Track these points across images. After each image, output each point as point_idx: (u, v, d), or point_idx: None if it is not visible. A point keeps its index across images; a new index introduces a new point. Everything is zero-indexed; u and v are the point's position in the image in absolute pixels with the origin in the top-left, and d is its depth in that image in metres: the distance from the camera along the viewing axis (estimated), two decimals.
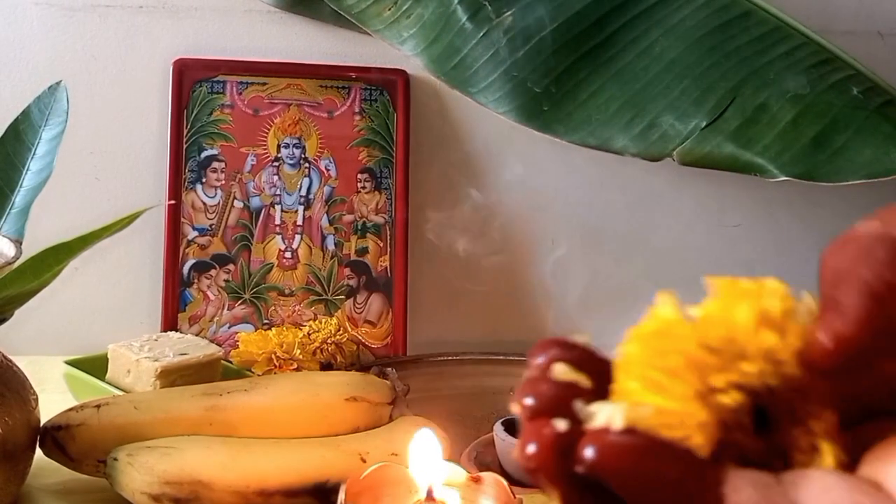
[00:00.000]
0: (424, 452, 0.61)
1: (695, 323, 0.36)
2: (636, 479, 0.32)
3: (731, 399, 0.33)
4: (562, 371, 0.37)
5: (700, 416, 0.33)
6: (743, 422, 0.34)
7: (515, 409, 0.36)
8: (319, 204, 1.09)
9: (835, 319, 0.35)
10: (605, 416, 0.33)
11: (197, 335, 1.02)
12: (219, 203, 1.07)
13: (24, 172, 0.80)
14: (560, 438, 0.34)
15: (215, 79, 1.08)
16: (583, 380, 0.37)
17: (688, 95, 0.99)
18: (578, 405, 0.35)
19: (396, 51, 1.05)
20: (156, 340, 0.93)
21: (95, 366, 0.92)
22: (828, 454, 0.33)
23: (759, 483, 0.32)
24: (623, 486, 0.32)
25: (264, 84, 1.09)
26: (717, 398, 0.33)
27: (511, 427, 0.79)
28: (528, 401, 0.36)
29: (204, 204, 1.08)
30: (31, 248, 0.66)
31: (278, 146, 1.09)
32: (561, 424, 0.34)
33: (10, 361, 0.75)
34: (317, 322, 1.02)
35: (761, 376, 0.33)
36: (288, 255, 1.08)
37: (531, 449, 0.34)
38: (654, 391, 0.34)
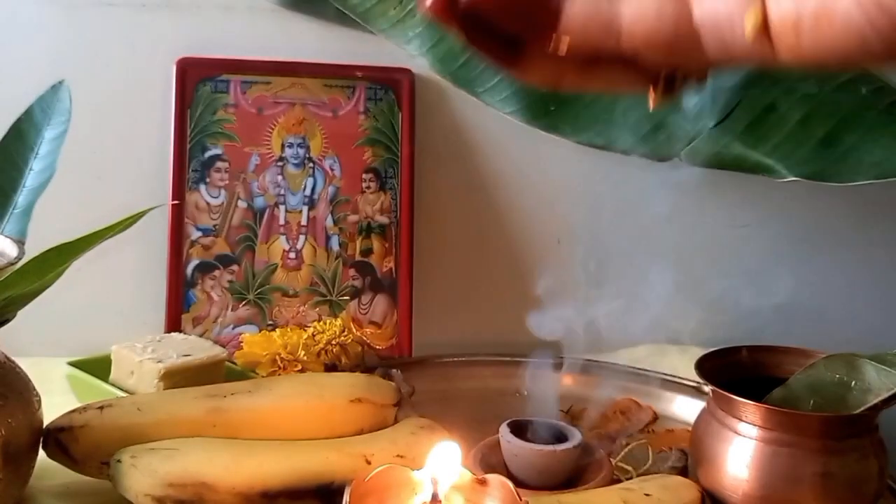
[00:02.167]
0: (446, 463, 0.60)
1: None
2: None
3: None
4: None
5: None
6: None
7: None
8: (324, 204, 1.08)
9: None
10: None
11: (200, 336, 1.01)
12: (222, 203, 1.07)
13: (26, 172, 0.80)
14: None
15: (219, 78, 1.07)
16: None
17: (695, 95, 0.99)
18: None
19: (401, 50, 1.04)
20: (159, 341, 0.92)
21: (99, 367, 0.92)
22: None
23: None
24: (492, 9, 0.43)
25: (268, 83, 1.08)
26: None
27: (517, 429, 0.79)
28: None
29: (207, 204, 1.07)
30: (34, 249, 0.65)
31: (282, 146, 1.08)
32: None
33: (13, 363, 0.74)
34: (321, 323, 1.01)
35: None
36: (292, 255, 1.08)
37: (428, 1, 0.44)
38: None
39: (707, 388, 0.80)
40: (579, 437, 0.78)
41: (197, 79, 1.07)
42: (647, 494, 0.72)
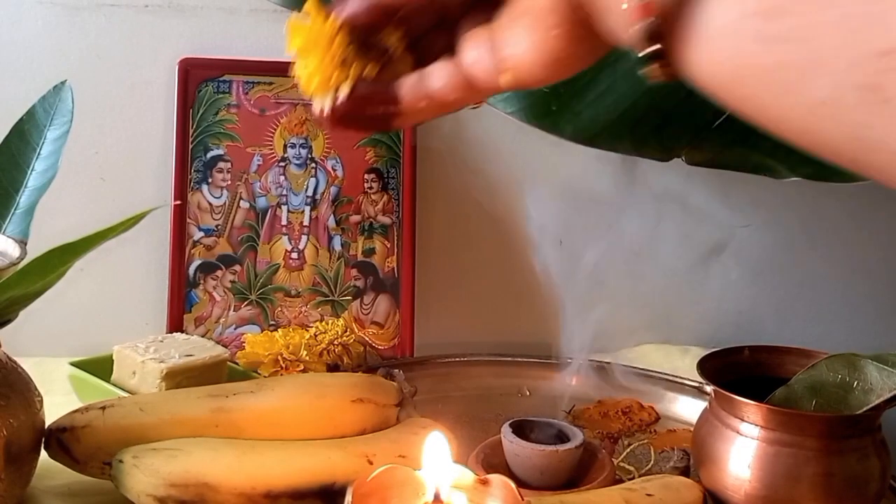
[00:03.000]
0: (435, 455, 0.60)
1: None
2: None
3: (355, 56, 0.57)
4: None
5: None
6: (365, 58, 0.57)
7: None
8: (326, 204, 1.09)
9: None
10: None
11: (203, 336, 1.01)
12: (225, 203, 1.07)
13: (28, 172, 0.80)
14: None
15: (221, 78, 1.07)
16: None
17: (697, 94, 0.98)
18: None
19: None
20: (161, 342, 0.92)
21: (101, 367, 0.92)
22: (405, 60, 0.58)
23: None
24: (351, 122, 0.58)
25: (270, 84, 1.08)
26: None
27: (519, 429, 0.79)
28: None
29: (210, 204, 1.07)
30: (36, 249, 0.65)
31: (284, 146, 1.08)
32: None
33: (15, 363, 0.75)
34: (323, 323, 1.01)
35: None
36: (294, 255, 1.08)
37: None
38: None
39: (709, 389, 0.80)
40: (581, 438, 0.78)
41: (199, 79, 1.07)
42: (648, 495, 0.72)
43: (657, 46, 0.46)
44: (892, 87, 0.36)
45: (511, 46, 0.53)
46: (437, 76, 0.57)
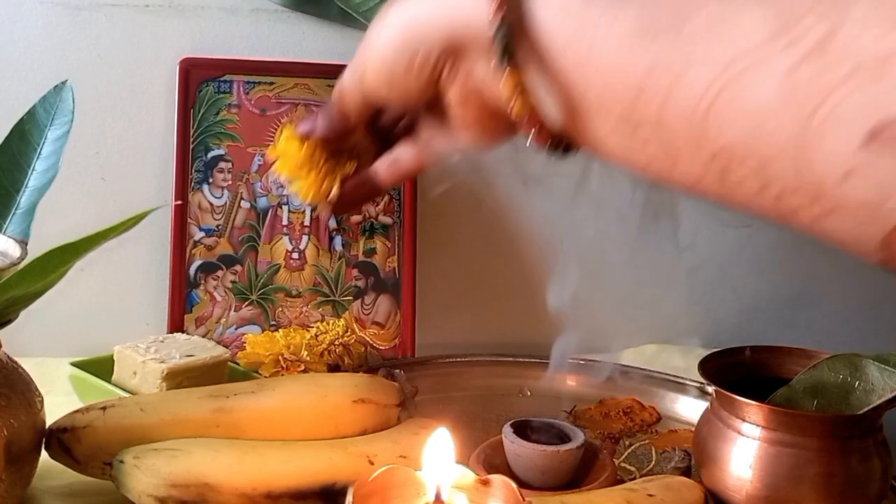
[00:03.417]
0: (437, 453, 0.60)
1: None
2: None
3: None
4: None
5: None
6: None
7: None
8: None
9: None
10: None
11: (203, 337, 1.01)
12: (225, 203, 1.07)
13: (29, 172, 0.80)
14: None
15: (222, 78, 1.07)
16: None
17: None
18: None
19: None
20: (162, 342, 0.92)
21: (101, 367, 0.92)
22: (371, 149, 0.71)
23: None
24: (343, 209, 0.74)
25: (271, 84, 1.08)
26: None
27: (520, 429, 0.79)
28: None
29: (210, 204, 1.07)
30: (37, 249, 0.65)
31: None
32: None
33: (16, 363, 0.74)
34: (324, 323, 1.01)
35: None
36: (295, 255, 1.08)
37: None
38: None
39: (710, 389, 0.80)
40: (582, 438, 0.78)
41: (200, 79, 1.07)
42: (650, 495, 0.72)
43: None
44: (735, 172, 0.46)
45: (456, 132, 0.64)
46: (406, 157, 0.70)
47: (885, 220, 0.42)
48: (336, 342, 0.97)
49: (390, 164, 0.70)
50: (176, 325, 1.06)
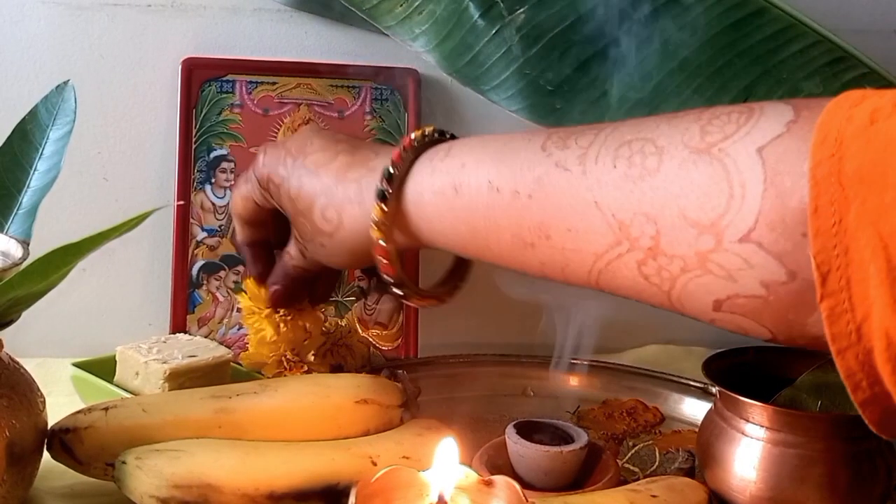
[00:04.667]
0: (445, 459, 0.60)
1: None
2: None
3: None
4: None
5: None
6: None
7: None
8: None
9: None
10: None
11: (206, 337, 1.01)
12: (228, 204, 1.07)
13: (31, 173, 0.80)
14: None
15: (224, 78, 1.07)
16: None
17: (700, 94, 0.98)
18: None
19: (407, 51, 1.04)
20: (164, 342, 0.92)
21: (103, 368, 0.91)
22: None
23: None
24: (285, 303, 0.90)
25: (274, 83, 1.08)
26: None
27: (524, 430, 0.78)
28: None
29: (213, 204, 1.07)
30: (39, 249, 0.65)
31: None
32: None
33: (18, 364, 0.74)
34: (327, 324, 1.01)
35: None
36: None
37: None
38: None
39: (714, 389, 0.79)
40: (585, 439, 0.78)
41: (202, 79, 1.07)
42: (653, 496, 0.72)
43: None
44: (542, 253, 0.66)
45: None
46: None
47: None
48: (339, 343, 0.97)
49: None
50: (178, 326, 1.06)
